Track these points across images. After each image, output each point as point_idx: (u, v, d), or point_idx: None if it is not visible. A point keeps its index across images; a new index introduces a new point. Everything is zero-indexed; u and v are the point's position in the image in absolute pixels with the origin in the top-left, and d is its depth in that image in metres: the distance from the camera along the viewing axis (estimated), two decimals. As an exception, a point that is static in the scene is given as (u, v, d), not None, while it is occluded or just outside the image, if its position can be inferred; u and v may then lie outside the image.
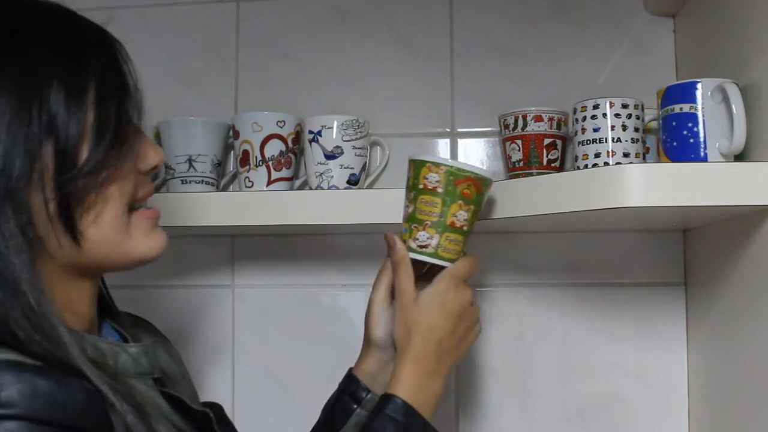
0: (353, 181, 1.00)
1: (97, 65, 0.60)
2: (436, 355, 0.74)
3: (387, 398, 0.72)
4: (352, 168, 1.00)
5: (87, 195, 0.58)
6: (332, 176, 0.99)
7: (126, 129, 0.61)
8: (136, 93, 0.63)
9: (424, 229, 0.77)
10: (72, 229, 0.57)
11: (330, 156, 0.99)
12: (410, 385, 0.73)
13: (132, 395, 0.56)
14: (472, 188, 0.76)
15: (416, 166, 0.77)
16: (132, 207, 0.63)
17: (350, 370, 0.83)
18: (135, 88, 0.63)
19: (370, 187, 1.06)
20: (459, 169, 0.76)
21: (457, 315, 0.76)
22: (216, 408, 0.82)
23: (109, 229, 0.60)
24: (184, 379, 0.77)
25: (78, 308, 0.62)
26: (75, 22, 0.62)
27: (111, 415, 0.52)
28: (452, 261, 0.78)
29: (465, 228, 0.77)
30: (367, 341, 0.82)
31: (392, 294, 0.79)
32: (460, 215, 0.76)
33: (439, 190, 0.76)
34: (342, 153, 0.99)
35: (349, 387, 0.82)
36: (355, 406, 0.80)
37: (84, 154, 0.57)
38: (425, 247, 0.77)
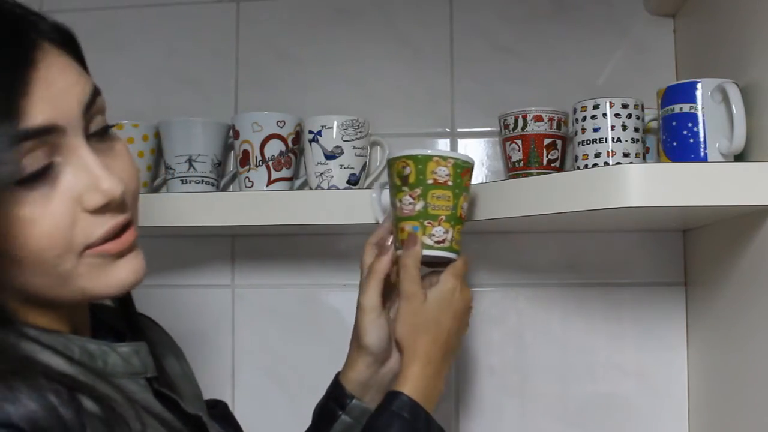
0: (353, 181, 1.00)
1: None
2: (443, 354, 0.75)
3: (393, 395, 0.72)
4: (352, 168, 1.00)
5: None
6: (332, 176, 0.99)
7: (44, 161, 0.44)
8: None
9: (439, 224, 0.77)
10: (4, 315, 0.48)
11: (330, 156, 0.99)
12: (418, 384, 0.73)
13: (113, 408, 0.51)
14: (468, 177, 0.79)
15: (420, 161, 0.77)
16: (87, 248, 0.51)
17: (337, 375, 0.82)
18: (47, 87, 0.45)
19: (370, 187, 1.06)
20: (464, 161, 0.78)
21: (461, 315, 0.77)
22: (221, 406, 0.82)
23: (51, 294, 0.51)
24: (187, 376, 0.76)
25: (64, 312, 0.58)
26: None
27: None
28: (458, 253, 0.79)
29: (464, 218, 0.79)
30: (357, 347, 0.79)
31: (384, 297, 0.78)
32: (465, 206, 0.79)
33: (450, 183, 0.77)
34: (342, 153, 0.99)
35: (335, 392, 0.81)
36: (339, 413, 0.80)
37: None
38: (442, 242, 0.77)
